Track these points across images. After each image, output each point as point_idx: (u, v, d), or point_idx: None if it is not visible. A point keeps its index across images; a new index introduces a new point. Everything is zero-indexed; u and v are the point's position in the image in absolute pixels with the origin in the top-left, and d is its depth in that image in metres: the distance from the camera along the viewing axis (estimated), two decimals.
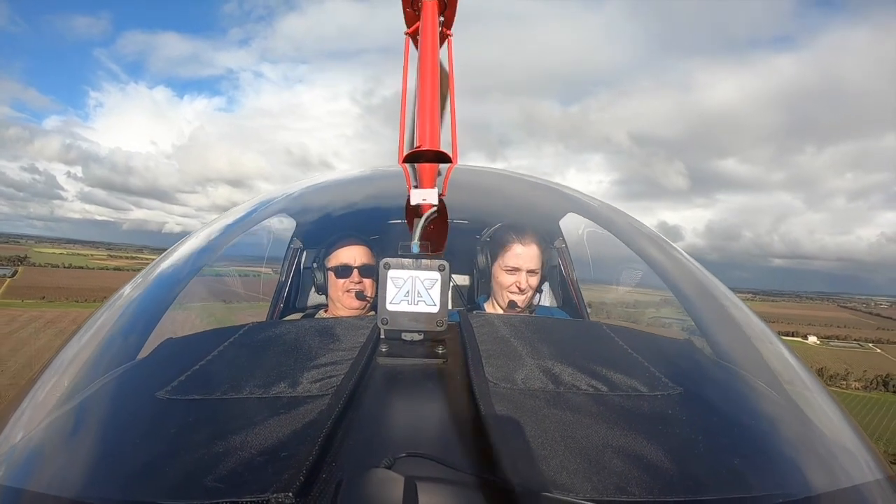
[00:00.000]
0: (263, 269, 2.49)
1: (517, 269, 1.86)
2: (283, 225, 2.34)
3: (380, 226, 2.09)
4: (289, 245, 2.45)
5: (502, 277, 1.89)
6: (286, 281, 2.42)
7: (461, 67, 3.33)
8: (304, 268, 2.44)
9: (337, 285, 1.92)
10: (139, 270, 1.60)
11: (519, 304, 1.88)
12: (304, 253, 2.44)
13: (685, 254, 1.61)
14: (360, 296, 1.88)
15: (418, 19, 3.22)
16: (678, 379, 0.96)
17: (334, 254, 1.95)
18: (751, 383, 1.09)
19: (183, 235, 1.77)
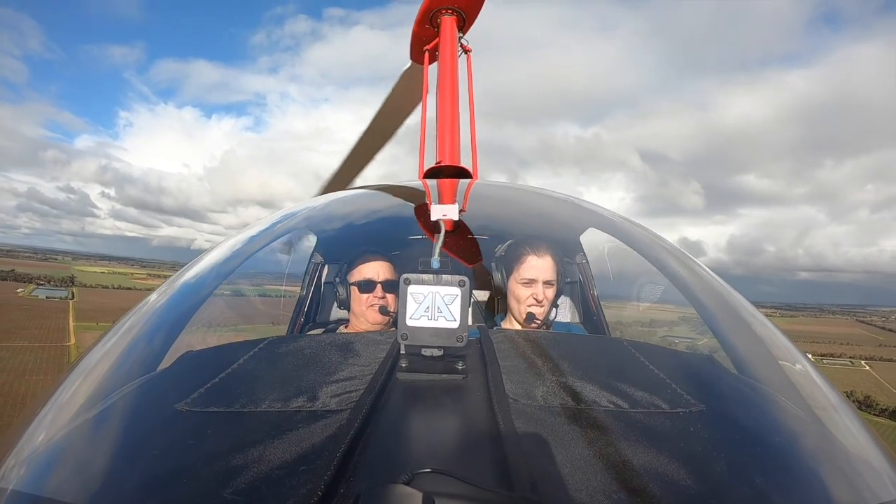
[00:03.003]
0: (284, 284, 2.51)
1: (534, 281, 1.86)
2: (305, 239, 2.40)
3: (400, 241, 2.10)
4: (310, 260, 2.50)
5: (519, 291, 1.88)
6: (307, 295, 2.46)
7: (479, 91, 3.40)
8: (325, 282, 2.47)
9: (360, 300, 1.95)
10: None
11: (538, 316, 1.86)
12: (326, 267, 2.48)
13: (708, 269, 1.61)
14: (383, 311, 1.91)
15: (437, 35, 3.26)
16: (700, 396, 0.95)
17: (357, 269, 1.98)
18: (773, 400, 1.08)
19: None
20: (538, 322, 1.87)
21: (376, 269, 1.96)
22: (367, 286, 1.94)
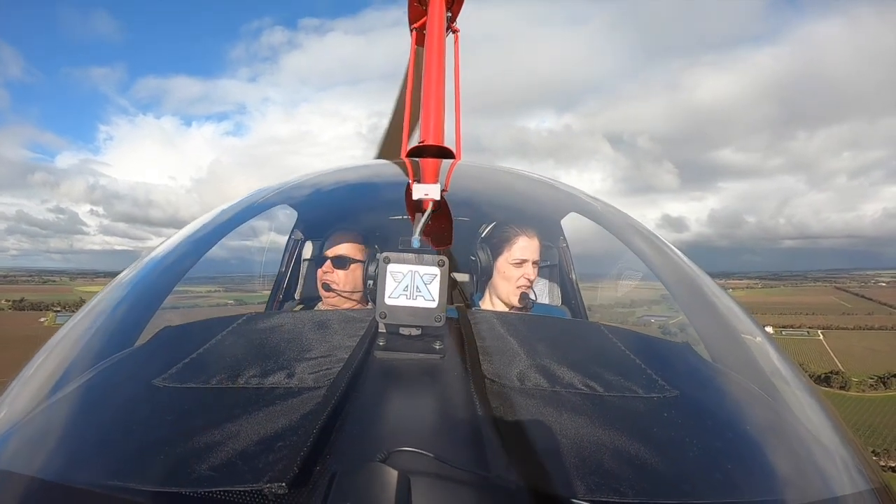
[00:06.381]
0: (264, 259, 2.47)
1: (525, 262, 1.87)
2: (285, 216, 2.34)
3: (381, 220, 2.07)
4: (290, 236, 2.47)
5: (510, 271, 1.88)
6: (286, 272, 2.44)
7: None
8: (304, 259, 2.44)
9: (317, 275, 1.94)
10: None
11: (529, 296, 1.88)
12: (306, 244, 2.45)
13: (684, 256, 1.64)
14: (325, 287, 1.87)
15: (425, 14, 3.20)
16: (674, 381, 0.96)
17: (325, 245, 1.96)
18: (746, 388, 1.10)
19: None
20: (531, 302, 1.90)
21: (334, 244, 1.92)
22: (319, 261, 1.94)
